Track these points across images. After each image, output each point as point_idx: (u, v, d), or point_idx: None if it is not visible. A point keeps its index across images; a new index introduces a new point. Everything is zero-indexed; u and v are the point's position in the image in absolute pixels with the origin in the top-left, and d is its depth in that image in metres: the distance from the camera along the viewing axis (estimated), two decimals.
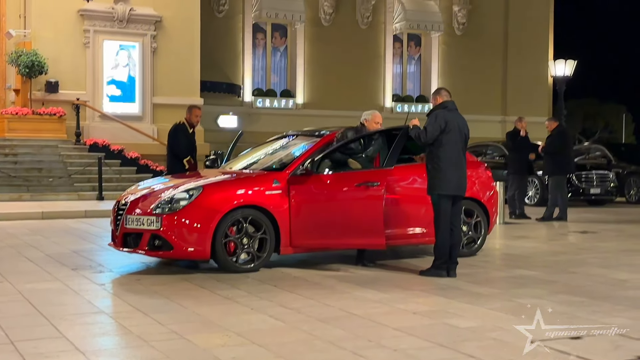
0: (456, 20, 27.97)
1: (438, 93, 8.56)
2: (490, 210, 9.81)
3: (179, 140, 11.13)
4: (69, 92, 20.13)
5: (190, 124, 11.28)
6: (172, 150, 11.18)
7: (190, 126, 11.27)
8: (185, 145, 11.10)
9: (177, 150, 11.09)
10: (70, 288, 7.34)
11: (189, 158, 11.01)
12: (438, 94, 8.54)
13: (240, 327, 5.71)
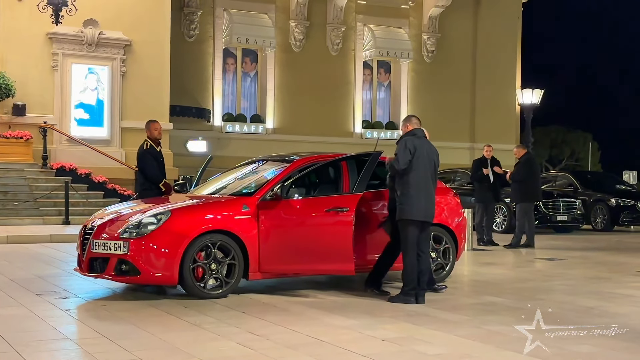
0: (425, 48, 28.25)
1: (408, 120, 8.63)
2: (459, 236, 9.85)
3: (150, 164, 10.65)
4: (36, 115, 19.96)
5: (155, 141, 10.79)
6: (145, 176, 10.67)
7: (156, 144, 10.82)
8: (157, 168, 10.74)
9: (151, 174, 10.58)
10: (34, 314, 7.22)
11: (164, 181, 10.65)
12: (408, 121, 8.62)
13: (208, 354, 5.65)
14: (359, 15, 27.29)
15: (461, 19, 28.69)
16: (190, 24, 24.71)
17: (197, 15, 24.77)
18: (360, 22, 27.31)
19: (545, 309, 7.78)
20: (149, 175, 10.61)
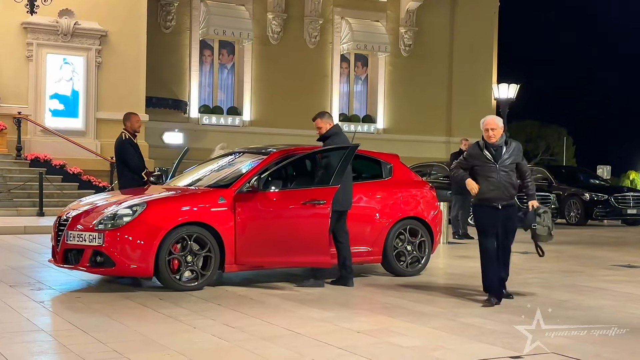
0: (402, 41, 28.30)
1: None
2: (435, 229, 9.90)
3: (131, 155, 10.51)
4: (11, 105, 19.76)
5: (133, 133, 10.69)
6: (128, 166, 10.51)
7: (133, 136, 10.70)
8: (138, 157, 10.66)
9: (134, 164, 10.44)
10: (8, 305, 7.16)
11: (146, 170, 10.56)
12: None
13: (183, 346, 5.63)
14: (336, 8, 27.28)
15: (439, 13, 28.77)
16: (167, 15, 24.58)
17: (174, 7, 24.63)
18: (337, 15, 27.31)
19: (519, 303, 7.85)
20: (132, 165, 10.50)
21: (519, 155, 7.80)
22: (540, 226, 7.84)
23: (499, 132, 7.72)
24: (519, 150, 7.81)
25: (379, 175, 9.80)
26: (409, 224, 9.59)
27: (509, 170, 7.68)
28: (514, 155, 7.73)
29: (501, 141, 7.71)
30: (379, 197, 9.53)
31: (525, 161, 7.88)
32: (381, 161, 9.89)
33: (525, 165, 7.84)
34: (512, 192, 7.69)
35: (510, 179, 7.67)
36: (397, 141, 26.12)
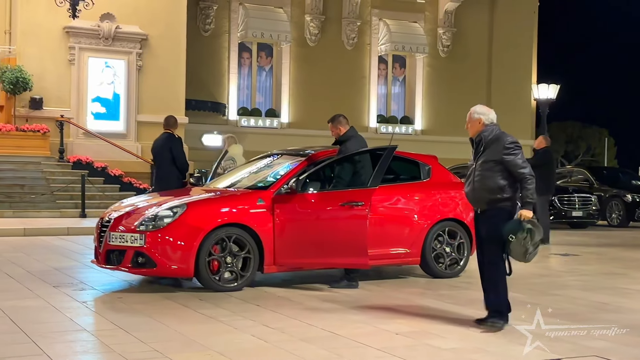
0: (441, 42, 28.19)
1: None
2: (474, 231, 9.82)
3: (183, 153, 10.70)
4: (53, 108, 20.08)
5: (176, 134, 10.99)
6: (176, 162, 10.68)
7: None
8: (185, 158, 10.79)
9: (182, 161, 10.64)
10: (51, 305, 7.29)
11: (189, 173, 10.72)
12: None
13: (223, 346, 5.69)
14: (374, 9, 27.26)
15: (477, 13, 28.60)
16: (206, 19, 24.78)
17: (213, 10, 24.83)
18: (375, 17, 27.29)
19: (560, 305, 7.79)
20: (180, 161, 10.63)
21: (499, 153, 6.44)
22: (516, 242, 6.35)
23: (474, 125, 6.66)
24: (501, 147, 6.44)
25: (418, 176, 9.78)
26: (447, 226, 9.56)
27: (485, 171, 6.48)
28: (491, 153, 6.48)
29: (480, 136, 6.60)
30: (418, 198, 9.51)
31: (521, 160, 6.43)
32: (419, 162, 9.87)
33: (519, 165, 6.41)
34: (488, 197, 6.48)
35: (485, 182, 6.48)
36: (435, 142, 26.01)
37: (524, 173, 6.41)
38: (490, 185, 6.47)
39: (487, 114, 6.64)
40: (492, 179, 6.46)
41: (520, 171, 6.41)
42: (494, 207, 6.49)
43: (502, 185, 6.44)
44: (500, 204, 6.47)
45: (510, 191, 6.46)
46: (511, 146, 6.44)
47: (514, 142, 6.49)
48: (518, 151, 6.46)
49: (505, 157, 6.42)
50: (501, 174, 6.45)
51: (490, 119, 6.62)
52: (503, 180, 6.45)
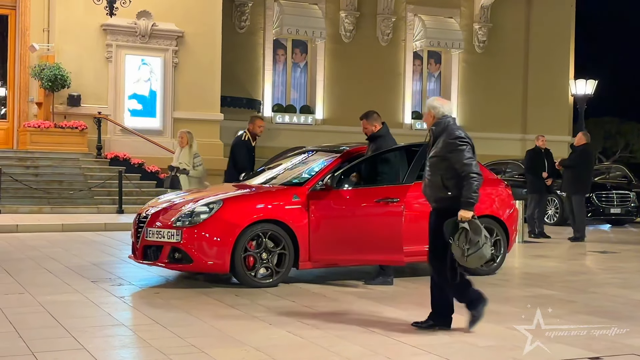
0: (477, 38, 27.97)
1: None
2: (510, 228, 9.77)
3: (242, 155, 10.87)
4: (91, 105, 20.28)
5: (254, 135, 11.13)
6: (235, 165, 10.87)
7: (253, 138, 11.14)
8: (248, 160, 10.89)
9: (241, 165, 10.75)
10: (90, 300, 7.39)
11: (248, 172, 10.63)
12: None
13: (259, 342, 5.72)
14: (409, 5, 27.12)
15: (513, 8, 28.31)
16: (241, 15, 24.86)
17: (248, 7, 24.90)
18: (410, 12, 27.15)
19: (599, 303, 7.70)
20: (239, 166, 10.78)
21: (444, 148, 6.09)
22: (454, 244, 6.00)
23: (427, 118, 6.30)
24: (448, 142, 6.08)
25: None
26: (484, 223, 9.38)
27: (431, 167, 6.19)
28: (438, 149, 6.15)
29: (434, 130, 6.24)
30: None
31: (465, 157, 6.00)
32: None
33: (463, 162, 5.99)
34: (435, 194, 6.19)
35: (431, 178, 6.19)
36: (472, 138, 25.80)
37: (466, 171, 5.98)
38: (436, 182, 6.16)
39: (438, 107, 6.26)
40: (437, 176, 6.14)
41: (463, 168, 5.99)
42: (441, 206, 6.18)
43: (447, 183, 6.09)
44: (446, 203, 6.12)
45: (456, 189, 6.03)
46: (456, 142, 6.05)
47: (459, 138, 6.07)
48: (464, 147, 6.03)
49: (448, 153, 6.07)
50: (446, 171, 6.09)
51: (442, 112, 6.23)
52: (448, 178, 6.09)
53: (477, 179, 5.99)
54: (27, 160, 18.93)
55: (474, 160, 6.05)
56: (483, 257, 6.06)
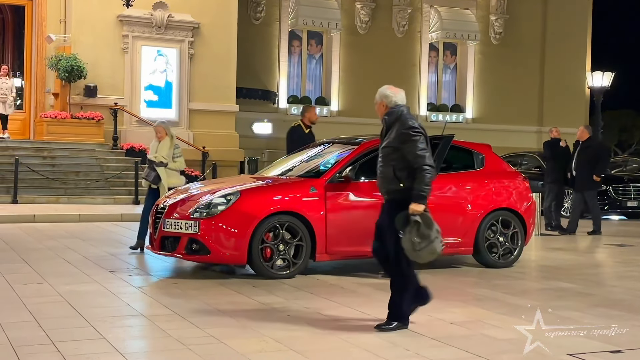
0: (493, 29, 27.83)
1: None
2: (528, 221, 9.71)
3: (288, 141, 11.26)
4: (107, 96, 20.36)
5: (307, 124, 11.40)
6: (288, 152, 11.16)
7: (306, 127, 11.41)
8: (299, 146, 10.93)
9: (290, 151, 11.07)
10: (108, 290, 7.42)
11: None
12: None
13: (278, 333, 5.73)
14: None
15: None
16: (256, 7, 24.84)
17: None
18: (426, 4, 27.04)
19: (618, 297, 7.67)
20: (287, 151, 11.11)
21: (396, 138, 5.89)
22: (405, 238, 5.78)
23: (379, 108, 6.11)
24: (400, 133, 5.87)
25: (471, 165, 9.68)
26: (501, 215, 9.45)
27: (384, 157, 5.98)
28: (391, 139, 5.94)
29: (383, 119, 6.06)
30: (471, 187, 9.41)
31: (418, 148, 5.80)
32: (473, 151, 9.77)
33: (415, 154, 5.79)
34: (387, 186, 5.98)
35: (383, 169, 5.98)
36: (487, 131, 25.71)
37: (419, 162, 5.77)
38: (387, 173, 5.94)
39: (390, 96, 6.04)
40: (389, 167, 5.93)
41: (416, 160, 5.79)
42: (393, 198, 5.96)
43: (399, 174, 5.87)
44: (398, 195, 5.90)
45: (409, 181, 5.82)
46: (409, 132, 5.82)
47: (412, 128, 5.84)
48: (417, 137, 5.80)
49: (401, 144, 5.85)
50: (398, 161, 5.88)
51: (394, 101, 6.02)
52: (400, 169, 5.87)
53: (430, 171, 5.78)
54: (44, 151, 19.04)
55: (427, 151, 5.84)
56: (434, 252, 5.84)
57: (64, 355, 5.01)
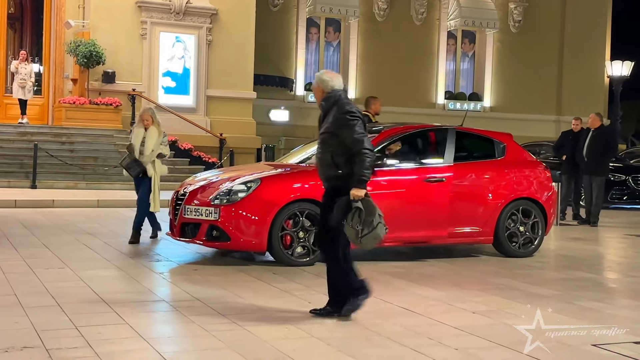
0: (512, 17, 27.63)
1: None
2: (549, 211, 9.65)
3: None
4: (125, 82, 20.39)
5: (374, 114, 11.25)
6: None
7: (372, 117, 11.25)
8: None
9: None
10: (130, 276, 7.45)
11: None
12: None
13: (299, 321, 5.73)
14: None
15: None
16: None
17: None
18: None
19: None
20: None
21: (334, 124, 5.73)
22: (347, 225, 5.66)
23: (316, 92, 5.95)
24: (337, 117, 5.72)
25: (492, 154, 9.62)
26: (521, 205, 9.40)
27: (322, 143, 5.83)
28: (328, 124, 5.79)
29: (324, 105, 5.88)
30: (492, 177, 9.37)
31: (356, 133, 5.63)
32: (494, 140, 9.72)
33: (351, 137, 5.63)
34: (326, 173, 5.84)
35: (322, 156, 5.83)
36: (505, 120, 25.57)
37: (358, 147, 5.61)
38: (326, 160, 5.78)
39: (327, 81, 5.86)
40: (327, 153, 5.77)
41: (354, 145, 5.62)
42: (333, 185, 5.82)
43: (337, 160, 5.71)
44: (337, 181, 5.75)
45: (347, 167, 5.67)
46: (346, 117, 5.68)
47: (350, 112, 5.70)
48: (354, 122, 5.66)
49: (339, 129, 5.71)
50: (336, 147, 5.71)
51: (331, 86, 5.84)
52: (338, 155, 5.71)
53: (370, 155, 5.63)
54: (63, 136, 19.11)
55: (365, 135, 5.69)
56: (377, 238, 5.71)
57: (88, 340, 5.03)
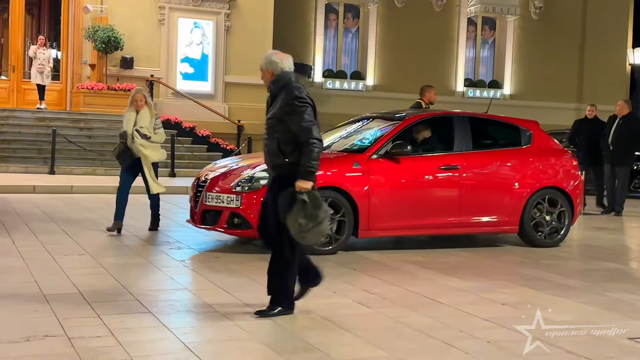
0: (533, 4, 27.29)
1: None
2: (575, 200, 9.47)
3: None
4: (144, 68, 20.29)
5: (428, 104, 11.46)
6: None
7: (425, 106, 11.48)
8: None
9: None
10: (151, 263, 7.37)
11: None
12: None
13: (325, 310, 5.61)
14: None
15: None
16: None
17: None
18: None
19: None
20: None
21: (282, 109, 5.37)
22: (290, 218, 5.26)
23: (264, 75, 5.55)
24: (285, 103, 5.36)
25: (518, 142, 9.44)
26: (548, 194, 9.21)
27: (268, 129, 5.47)
28: (276, 110, 5.42)
29: (272, 88, 5.50)
30: (517, 165, 9.19)
31: (304, 120, 5.28)
32: (520, 128, 9.53)
33: (299, 125, 5.28)
34: (272, 161, 5.48)
35: (268, 143, 5.47)
36: (525, 107, 25.27)
37: (305, 136, 5.26)
38: (272, 147, 5.42)
39: (277, 62, 5.48)
40: (274, 140, 5.40)
41: (302, 133, 5.27)
42: (280, 174, 5.45)
43: (283, 148, 5.35)
44: (284, 170, 5.40)
45: (294, 156, 5.31)
46: (294, 102, 5.32)
47: (298, 98, 5.33)
48: (303, 109, 5.30)
49: (286, 115, 5.33)
50: (283, 134, 5.35)
51: (280, 68, 5.47)
52: (285, 142, 5.35)
53: (318, 144, 5.27)
54: (81, 122, 19.05)
55: (314, 124, 5.31)
56: (322, 233, 5.37)
57: (110, 329, 4.94)
